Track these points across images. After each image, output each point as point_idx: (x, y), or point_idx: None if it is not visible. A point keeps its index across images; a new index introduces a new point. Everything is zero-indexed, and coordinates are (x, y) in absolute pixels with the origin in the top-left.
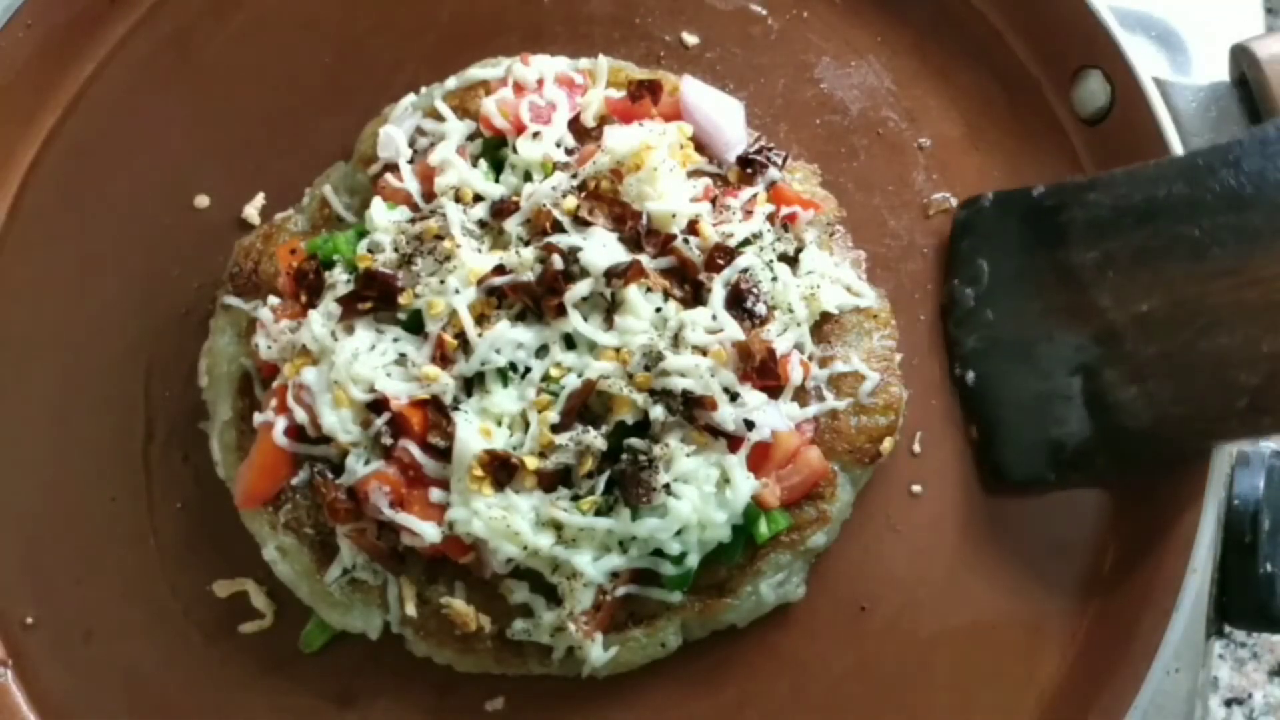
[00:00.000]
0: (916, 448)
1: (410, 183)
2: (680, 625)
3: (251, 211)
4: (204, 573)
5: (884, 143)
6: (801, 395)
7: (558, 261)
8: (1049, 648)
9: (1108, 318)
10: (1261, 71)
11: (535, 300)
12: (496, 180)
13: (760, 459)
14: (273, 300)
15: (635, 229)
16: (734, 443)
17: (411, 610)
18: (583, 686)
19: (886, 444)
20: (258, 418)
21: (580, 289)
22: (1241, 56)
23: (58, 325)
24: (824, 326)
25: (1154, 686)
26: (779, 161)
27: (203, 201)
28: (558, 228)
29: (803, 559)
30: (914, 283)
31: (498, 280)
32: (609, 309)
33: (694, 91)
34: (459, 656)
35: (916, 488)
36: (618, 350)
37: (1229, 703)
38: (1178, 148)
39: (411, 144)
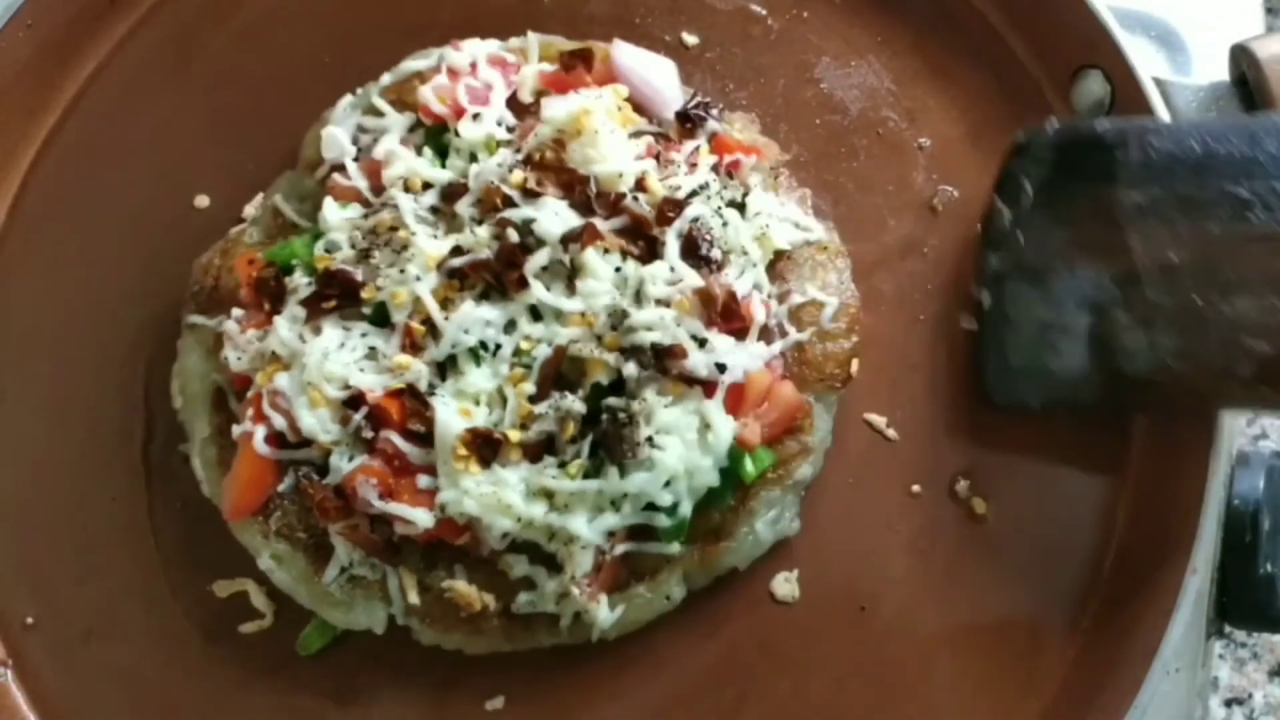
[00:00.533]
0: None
1: (358, 180)
2: (682, 576)
3: (251, 211)
4: (204, 573)
5: (884, 143)
6: (766, 334)
7: (513, 235)
8: (1049, 648)
9: (1133, 260)
10: (1261, 71)
11: (496, 276)
12: (443, 166)
13: (736, 401)
14: (237, 313)
15: (585, 193)
16: (709, 388)
17: (414, 598)
18: (583, 687)
19: (854, 365)
20: (236, 430)
21: (539, 259)
22: (1241, 56)
23: (57, 324)
24: (778, 265)
25: (1154, 686)
26: (717, 114)
27: (203, 201)
28: (509, 203)
29: (792, 493)
30: (914, 283)
31: (456, 261)
32: (570, 275)
33: (625, 54)
34: (468, 639)
35: (916, 488)
36: (583, 315)
37: (1229, 703)
38: None
39: (355, 143)
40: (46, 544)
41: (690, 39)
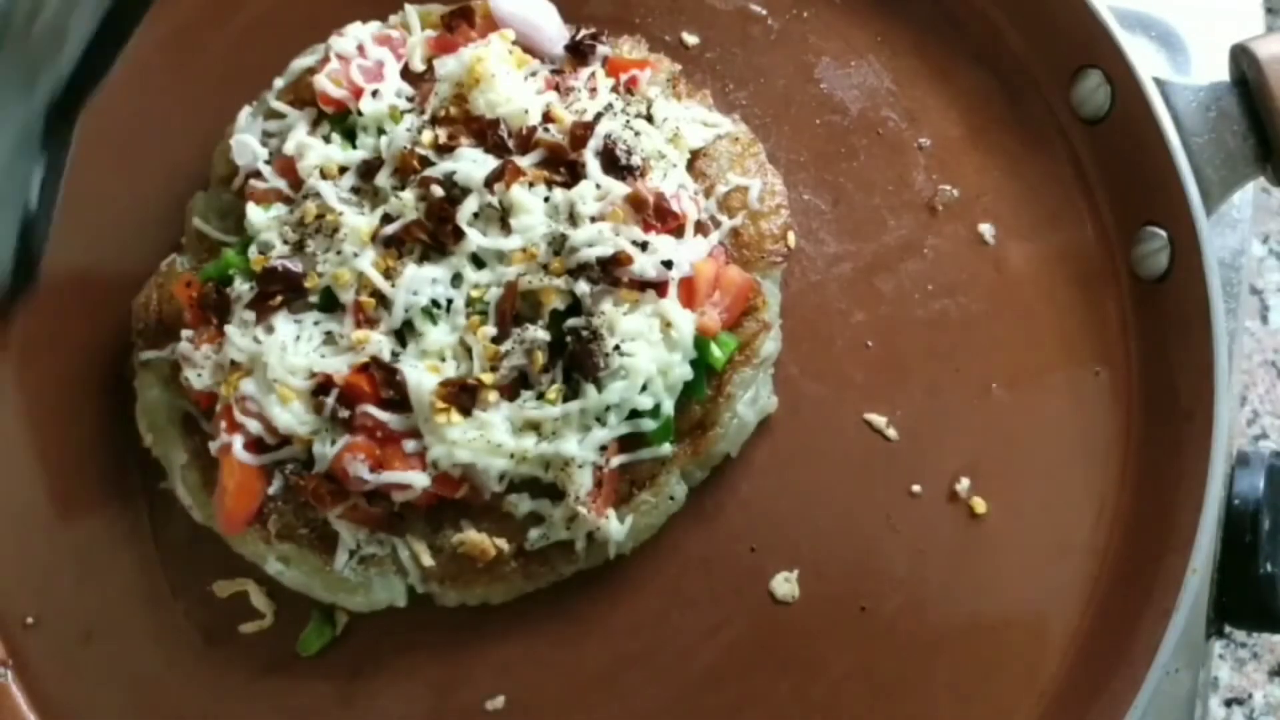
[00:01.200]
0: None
1: (275, 180)
2: (680, 474)
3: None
4: (204, 573)
5: (884, 143)
6: (702, 229)
7: (437, 191)
8: (1049, 648)
9: None
10: (1261, 71)
11: (430, 235)
12: (353, 148)
13: (689, 295)
14: (187, 334)
15: (497, 137)
16: (661, 289)
17: (428, 561)
18: (583, 686)
19: (790, 237)
20: (213, 445)
21: (468, 207)
22: (1241, 56)
23: (57, 324)
24: (697, 163)
25: (1154, 686)
26: (604, 39)
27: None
28: (426, 163)
29: (762, 370)
30: (914, 283)
31: (389, 229)
32: (502, 217)
33: (502, 4)
34: (490, 589)
35: (916, 488)
36: (524, 250)
37: (1229, 703)
38: (1178, 148)
39: (263, 146)
40: (46, 544)
41: (690, 39)
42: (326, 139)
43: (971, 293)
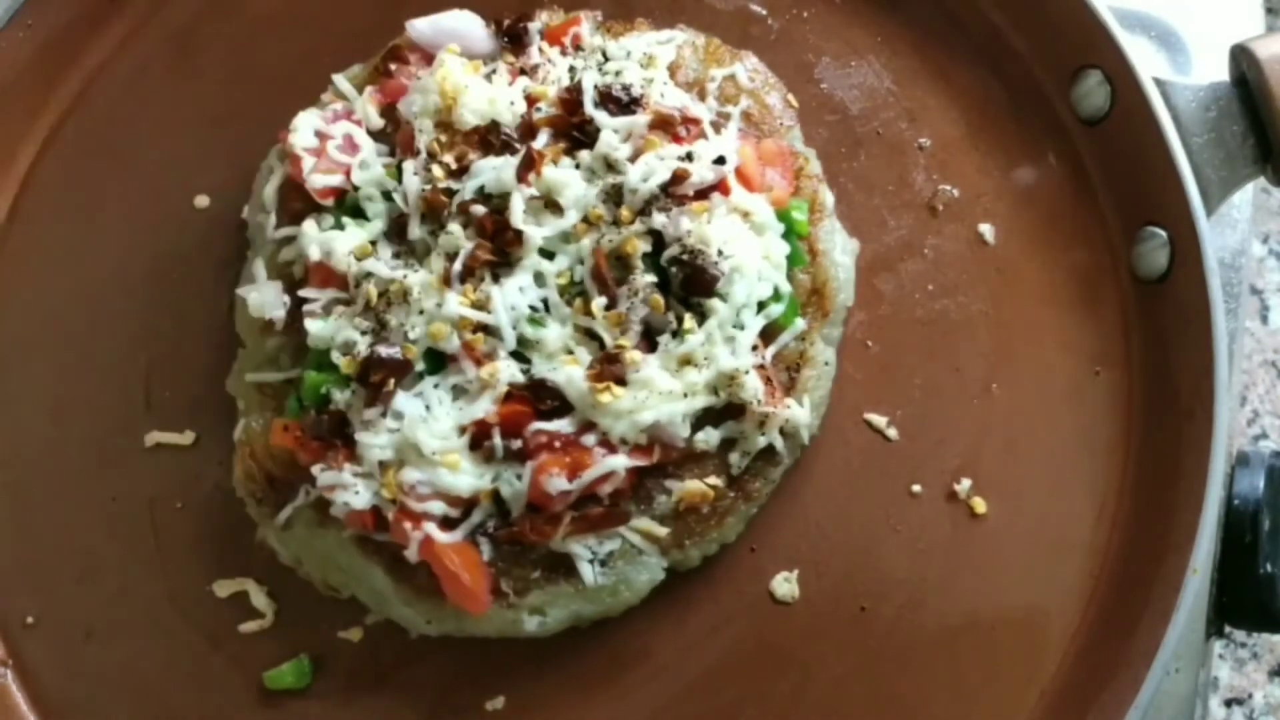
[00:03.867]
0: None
1: (319, 295)
2: (822, 341)
3: (248, 211)
4: (204, 573)
5: (884, 143)
6: (716, 127)
7: (478, 209)
8: (1049, 648)
9: None
10: (1261, 71)
11: (496, 251)
12: (368, 221)
13: (747, 182)
14: (318, 469)
15: (501, 137)
16: (723, 188)
17: (660, 530)
18: (583, 687)
19: (792, 98)
20: (410, 551)
21: (517, 205)
22: (1241, 56)
23: (57, 324)
24: (676, 76)
25: (1154, 686)
26: (531, 16)
27: (203, 201)
28: (451, 194)
29: (831, 219)
30: (914, 283)
31: (456, 266)
32: (546, 204)
33: (421, 28)
34: (721, 529)
35: (916, 488)
36: (586, 220)
37: (1229, 703)
38: (1178, 148)
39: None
40: (46, 544)
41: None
42: (340, 226)
43: (971, 293)
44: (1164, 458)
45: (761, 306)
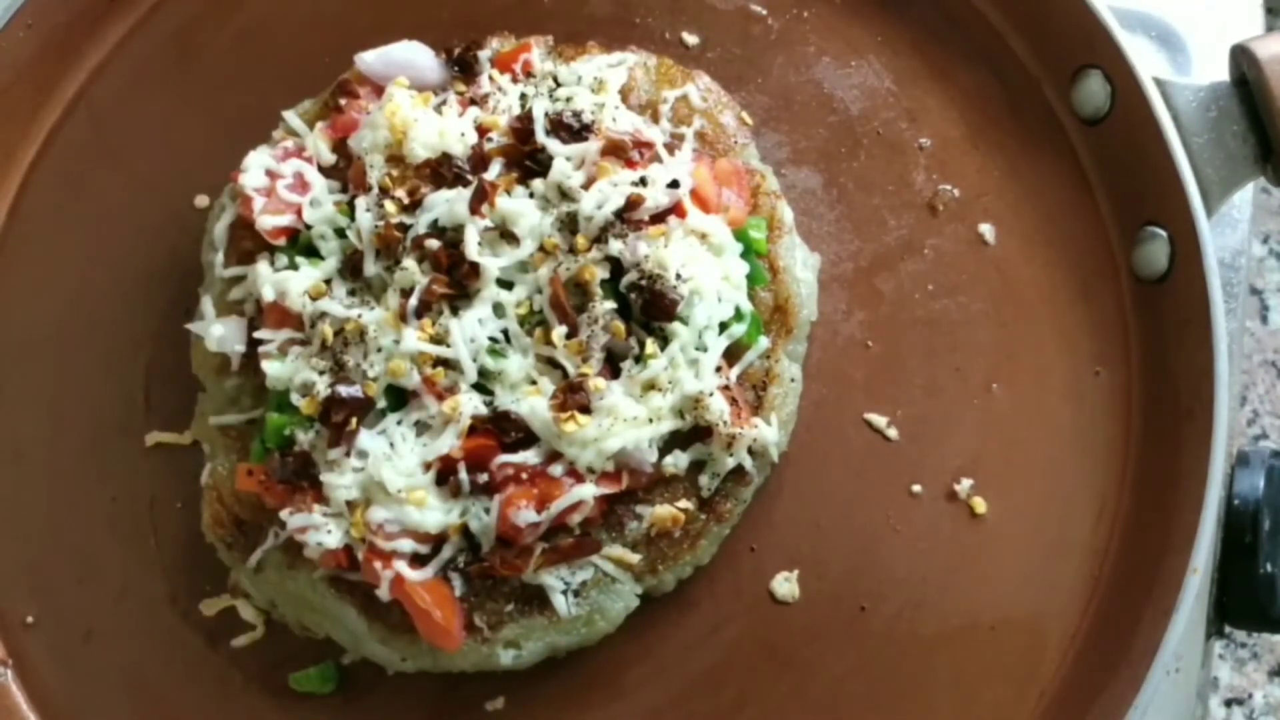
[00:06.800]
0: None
1: (274, 335)
2: (786, 359)
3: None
4: (204, 573)
5: (884, 143)
6: (668, 148)
7: (433, 244)
8: (1049, 648)
9: None
10: (1261, 71)
11: (452, 284)
12: (322, 259)
13: (703, 203)
14: (285, 513)
15: (452, 170)
16: (679, 210)
17: (633, 557)
18: (583, 687)
19: (745, 116)
20: (381, 590)
21: (471, 238)
22: (1241, 56)
23: (57, 324)
24: (628, 99)
25: (1154, 686)
26: (481, 45)
27: (203, 201)
28: (404, 229)
29: (790, 235)
30: (914, 283)
31: (411, 302)
32: (502, 235)
33: (370, 61)
34: (694, 551)
35: (916, 488)
36: (542, 249)
37: (1229, 703)
38: (1178, 148)
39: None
40: (46, 544)
41: (690, 39)
42: (293, 266)
43: (972, 293)
44: (1164, 458)
45: (724, 327)
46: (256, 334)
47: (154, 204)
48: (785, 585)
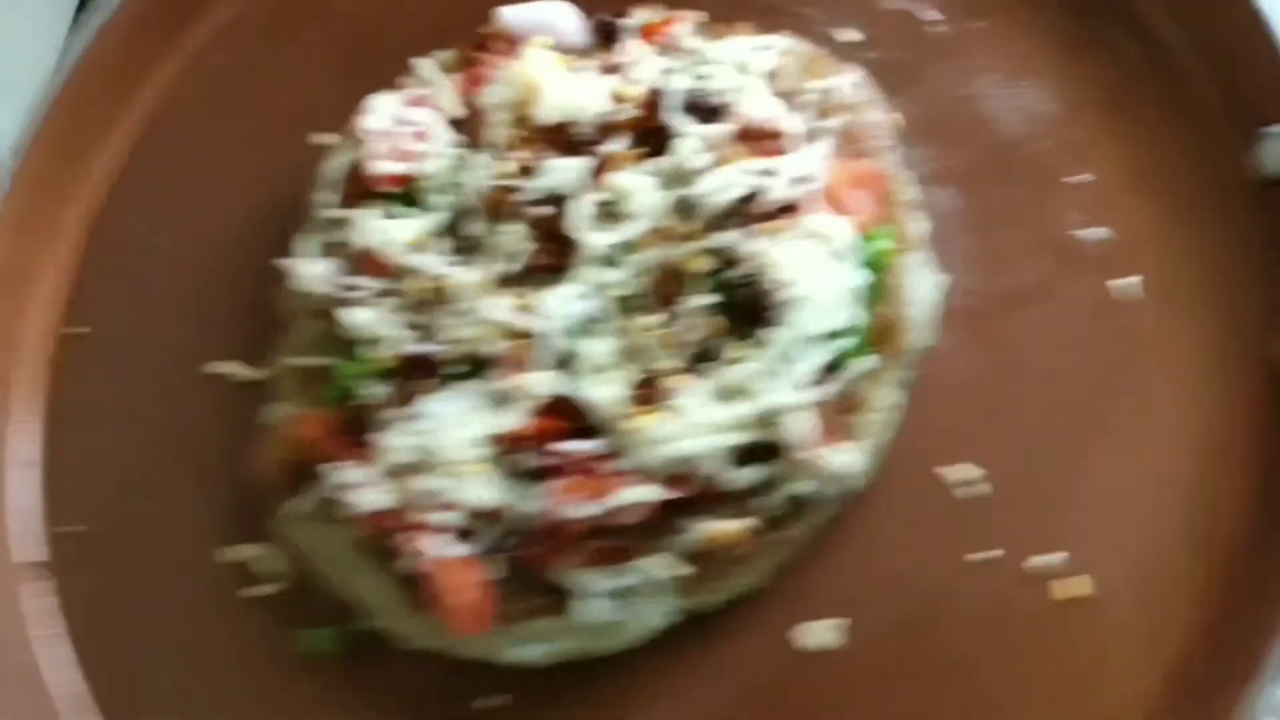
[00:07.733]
0: None
1: (366, 283)
2: (896, 381)
3: None
4: (237, 517)
5: (1039, 172)
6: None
7: (541, 211)
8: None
9: None
10: None
11: (554, 255)
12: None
13: (833, 202)
14: (333, 467)
15: (577, 136)
16: (805, 209)
17: (682, 570)
18: (581, 685)
19: (897, 117)
20: (409, 560)
21: (582, 211)
22: None
23: (172, 243)
24: (773, 84)
25: None
26: (623, 14)
27: (319, 140)
28: (514, 193)
29: (917, 251)
30: (1041, 328)
31: (510, 268)
32: (613, 212)
33: (513, 15)
34: (753, 571)
35: (997, 552)
36: (655, 230)
37: None
38: None
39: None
40: (109, 460)
41: (851, 35)
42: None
43: (1101, 350)
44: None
45: (829, 339)
46: (347, 279)
47: (274, 140)
48: (827, 633)
